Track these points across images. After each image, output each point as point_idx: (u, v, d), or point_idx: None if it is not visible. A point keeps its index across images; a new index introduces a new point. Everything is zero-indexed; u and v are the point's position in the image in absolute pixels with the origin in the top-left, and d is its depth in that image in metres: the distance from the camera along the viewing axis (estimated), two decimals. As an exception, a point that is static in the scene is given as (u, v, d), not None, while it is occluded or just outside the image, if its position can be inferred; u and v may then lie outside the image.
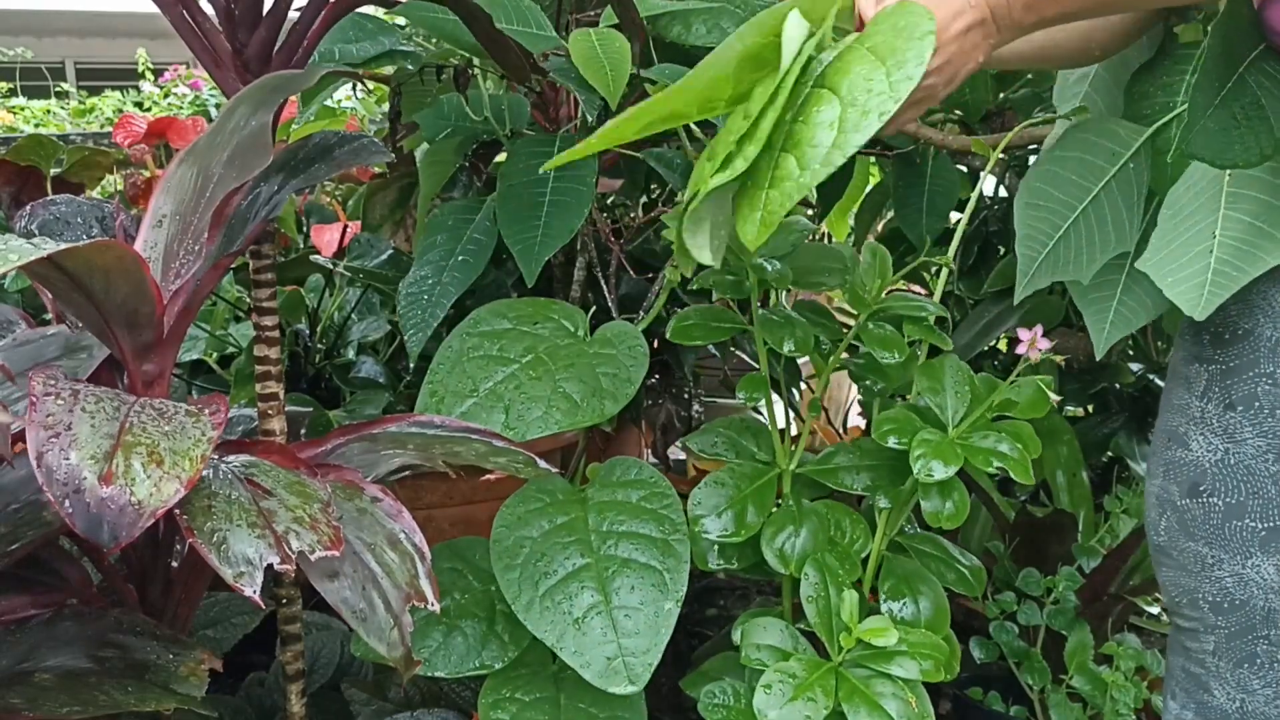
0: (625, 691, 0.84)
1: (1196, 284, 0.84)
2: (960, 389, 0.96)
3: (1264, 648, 0.91)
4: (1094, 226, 0.97)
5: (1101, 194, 0.96)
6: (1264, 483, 0.88)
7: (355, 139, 0.87)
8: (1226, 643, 0.92)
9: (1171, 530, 0.94)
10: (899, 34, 0.67)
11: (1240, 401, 0.88)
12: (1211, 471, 0.90)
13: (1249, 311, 0.88)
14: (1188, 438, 0.92)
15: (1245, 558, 0.89)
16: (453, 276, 1.13)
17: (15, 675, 0.69)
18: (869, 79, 0.67)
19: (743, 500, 0.96)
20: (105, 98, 4.54)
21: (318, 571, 0.70)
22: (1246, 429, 0.88)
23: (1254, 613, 0.90)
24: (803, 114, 0.69)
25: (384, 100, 2.01)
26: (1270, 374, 0.87)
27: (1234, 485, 0.89)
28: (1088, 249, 0.97)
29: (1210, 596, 0.92)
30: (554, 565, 0.90)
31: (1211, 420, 0.90)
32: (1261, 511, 0.88)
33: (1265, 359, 0.87)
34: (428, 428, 0.83)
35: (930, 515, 0.93)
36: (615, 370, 0.97)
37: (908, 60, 0.66)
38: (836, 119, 0.67)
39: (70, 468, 0.55)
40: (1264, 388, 0.87)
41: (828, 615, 0.89)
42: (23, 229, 0.90)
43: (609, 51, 1.01)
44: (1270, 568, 0.89)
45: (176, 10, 0.82)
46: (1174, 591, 0.95)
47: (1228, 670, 0.92)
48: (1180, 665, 0.97)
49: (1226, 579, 0.91)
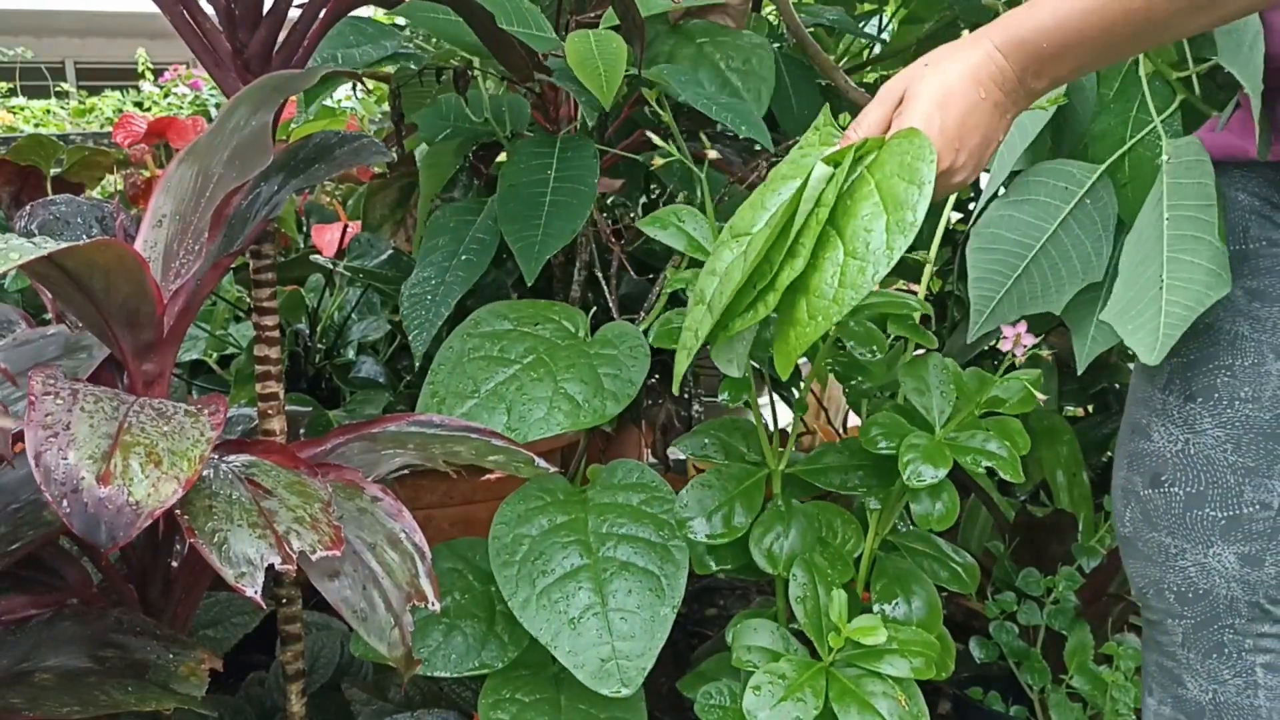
0: (617, 694, 0.84)
1: (1151, 329, 0.87)
2: (946, 387, 0.96)
3: (1230, 636, 0.92)
4: (1058, 262, 1.02)
5: (1060, 230, 1.01)
6: (1223, 472, 0.89)
7: (355, 139, 0.87)
8: (1194, 633, 0.93)
9: (1136, 521, 0.96)
10: (902, 173, 0.69)
11: (1200, 393, 0.90)
12: (1172, 462, 0.92)
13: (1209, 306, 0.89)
14: (1150, 429, 0.94)
15: (1207, 546, 0.91)
16: (456, 276, 1.13)
17: (15, 675, 0.69)
18: (869, 229, 0.70)
19: (730, 501, 0.96)
20: (105, 98, 4.55)
21: (318, 571, 0.70)
22: (1206, 419, 0.90)
23: (1218, 601, 0.91)
24: (815, 258, 0.72)
25: (384, 100, 2.01)
26: (1229, 366, 0.89)
27: (1194, 475, 0.91)
28: (1055, 283, 1.02)
29: (1175, 586, 0.93)
30: (552, 564, 0.90)
31: (1172, 411, 0.92)
32: (1221, 500, 0.90)
33: (1224, 351, 0.89)
34: (428, 427, 0.83)
35: (920, 518, 0.93)
36: (616, 370, 0.97)
37: (904, 212, 0.68)
38: (839, 271, 0.70)
39: (68, 467, 0.55)
40: (1223, 379, 0.89)
41: (817, 615, 0.89)
42: (23, 229, 0.90)
43: (605, 53, 1.01)
44: (1231, 556, 0.90)
45: (177, 10, 0.82)
46: (1141, 582, 0.97)
47: (1197, 661, 0.93)
48: (1154, 660, 0.98)
49: (1190, 568, 0.92)
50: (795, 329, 0.73)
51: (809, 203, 0.72)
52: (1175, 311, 0.86)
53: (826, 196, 0.72)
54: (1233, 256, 0.89)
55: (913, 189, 0.68)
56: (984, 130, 0.74)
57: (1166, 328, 0.86)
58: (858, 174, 0.72)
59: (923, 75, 0.74)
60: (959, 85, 0.72)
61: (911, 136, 0.70)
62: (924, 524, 0.93)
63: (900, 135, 0.71)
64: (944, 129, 0.72)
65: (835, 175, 0.72)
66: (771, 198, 0.79)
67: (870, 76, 1.74)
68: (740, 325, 0.77)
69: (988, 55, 0.73)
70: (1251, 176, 0.90)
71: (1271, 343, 0.88)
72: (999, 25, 0.73)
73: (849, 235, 0.71)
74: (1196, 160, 0.90)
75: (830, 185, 0.72)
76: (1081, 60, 0.73)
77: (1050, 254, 1.01)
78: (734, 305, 0.77)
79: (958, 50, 0.74)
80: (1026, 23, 0.72)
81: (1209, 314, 0.89)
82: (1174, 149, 0.92)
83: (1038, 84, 0.74)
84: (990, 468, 0.90)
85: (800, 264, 0.72)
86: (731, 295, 0.76)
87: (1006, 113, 0.75)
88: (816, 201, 0.72)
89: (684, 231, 0.98)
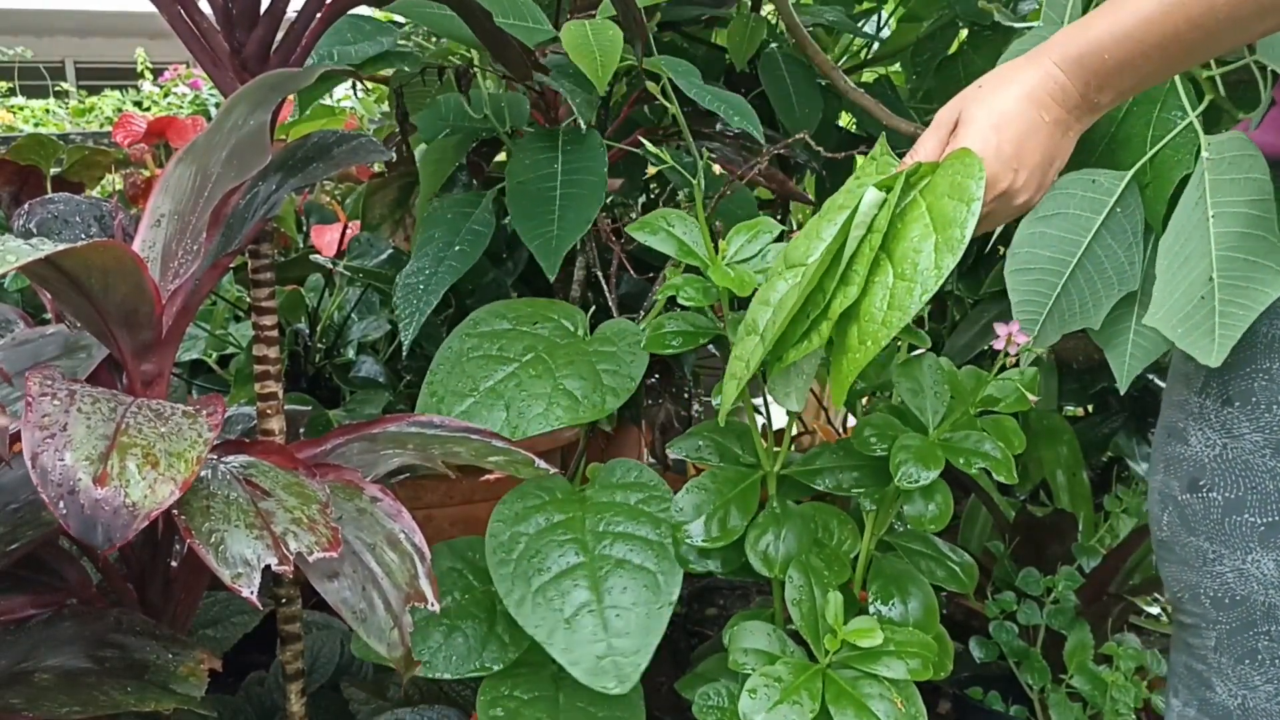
0: (613, 691, 0.84)
1: (1206, 330, 0.85)
2: (940, 388, 0.96)
3: (1265, 644, 0.91)
4: (1094, 275, 0.99)
5: (1094, 243, 0.98)
6: (1262, 478, 0.88)
7: (353, 138, 0.87)
8: (1228, 638, 0.92)
9: (1173, 525, 0.94)
10: (952, 192, 0.69)
11: (1237, 397, 0.89)
12: (1210, 466, 0.90)
13: None
14: (1186, 433, 0.92)
15: (1245, 553, 0.89)
16: (449, 266, 1.12)
17: (15, 675, 0.69)
18: (918, 250, 0.69)
19: (725, 504, 0.96)
20: (105, 97, 4.54)
21: (317, 572, 0.70)
22: (1244, 424, 0.88)
23: (1254, 608, 0.90)
24: (866, 283, 0.72)
25: (383, 100, 2.01)
26: (1266, 369, 0.87)
27: (1233, 480, 0.89)
28: (1092, 297, 0.99)
29: (1211, 592, 0.92)
30: (548, 562, 0.90)
31: (1209, 415, 0.90)
32: (1260, 506, 0.88)
33: (1261, 355, 0.87)
34: (427, 427, 0.83)
35: (913, 519, 0.92)
36: (616, 366, 0.97)
37: (953, 230, 0.68)
38: (888, 294, 0.70)
39: (65, 469, 0.55)
40: (1260, 383, 0.87)
41: (813, 617, 0.89)
42: (21, 228, 0.90)
43: (600, 40, 1.01)
44: (1270, 563, 0.89)
45: (173, 9, 0.82)
46: (1176, 587, 0.96)
47: (1229, 666, 0.92)
48: (1183, 662, 0.97)
49: (1227, 574, 0.91)
50: (847, 356, 0.73)
51: (860, 228, 0.71)
52: (1232, 311, 0.84)
53: (879, 222, 0.71)
54: None
55: (961, 206, 0.68)
56: (1045, 150, 0.73)
57: (1223, 328, 0.84)
58: (910, 199, 0.72)
59: (978, 98, 0.73)
60: (1015, 106, 0.72)
61: (963, 157, 0.70)
62: (917, 525, 0.92)
63: (953, 156, 0.71)
64: (1000, 150, 0.71)
65: (887, 200, 0.72)
66: (827, 228, 0.78)
67: (869, 75, 1.74)
68: (794, 355, 0.77)
69: (1047, 74, 0.72)
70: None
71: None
72: (1056, 43, 0.73)
73: (898, 258, 0.70)
74: (1244, 155, 0.88)
75: (883, 210, 0.72)
76: (1146, 71, 0.72)
77: (1086, 268, 0.99)
78: (788, 335, 0.76)
79: (1015, 71, 0.73)
80: (1085, 37, 0.71)
81: None
82: (1215, 146, 0.89)
83: (1102, 98, 0.74)
84: (979, 469, 0.90)
85: (854, 292, 0.71)
86: (784, 324, 0.75)
87: (1069, 130, 0.75)
88: (869, 228, 0.71)
89: (674, 236, 0.98)
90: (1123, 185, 0.98)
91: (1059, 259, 0.99)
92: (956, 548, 1.05)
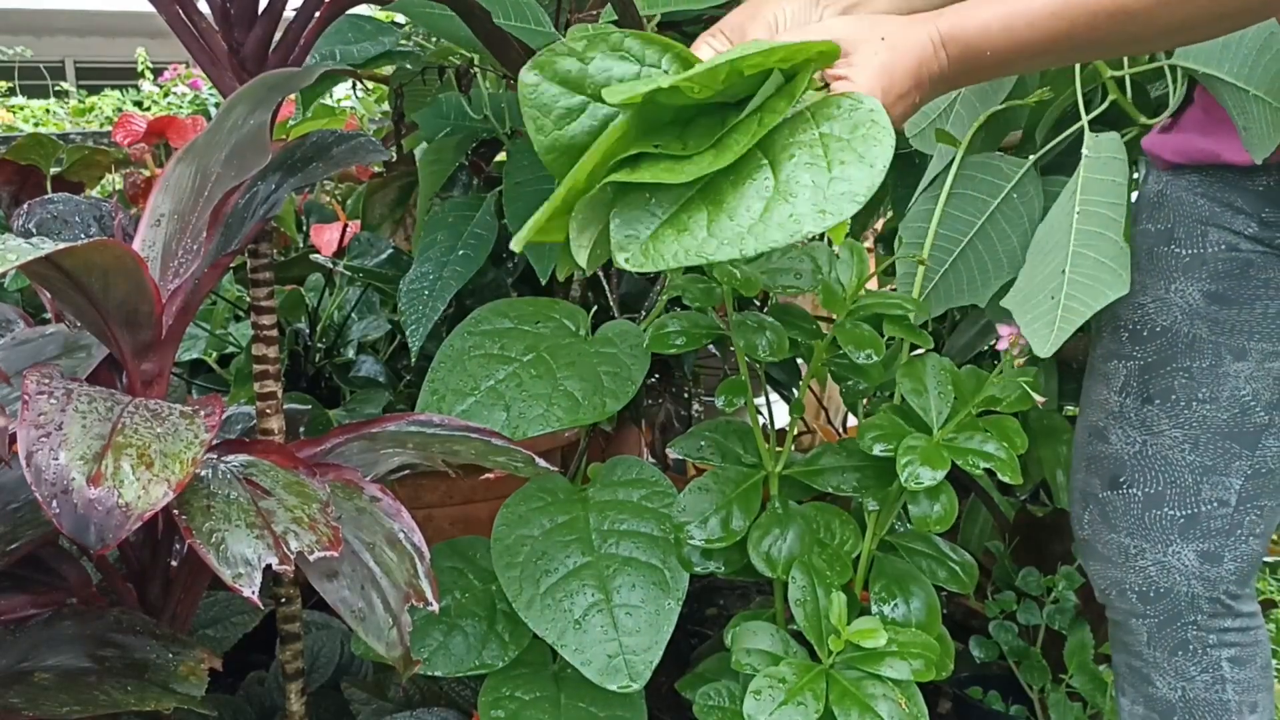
0: (626, 689, 0.84)
1: (1047, 321, 0.87)
2: (944, 388, 0.96)
3: (1194, 633, 0.93)
4: (984, 255, 1.03)
5: (987, 225, 1.02)
6: (1181, 472, 0.90)
7: (353, 138, 0.87)
8: (1158, 631, 0.94)
9: (1095, 523, 0.97)
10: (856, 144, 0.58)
11: (1158, 395, 0.91)
12: (1130, 463, 0.92)
13: (1165, 309, 0.90)
14: (1107, 432, 0.95)
15: (1166, 545, 0.92)
16: (454, 271, 1.13)
17: (15, 675, 0.68)
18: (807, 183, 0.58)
19: (728, 504, 0.95)
20: (105, 97, 4.54)
21: (316, 571, 0.69)
22: (1164, 421, 0.91)
23: (1179, 599, 0.92)
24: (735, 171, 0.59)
25: (383, 100, 2.01)
26: (1187, 368, 0.89)
27: (1152, 475, 0.91)
28: (980, 276, 1.03)
29: (1136, 586, 0.94)
30: (554, 563, 0.90)
31: (1129, 414, 0.93)
32: (1179, 500, 0.91)
33: (1182, 354, 0.90)
34: (427, 426, 0.83)
35: (918, 520, 0.92)
36: (616, 369, 0.97)
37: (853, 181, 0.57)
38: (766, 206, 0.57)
39: (59, 468, 0.55)
40: (1180, 381, 0.90)
41: (816, 618, 0.89)
42: (20, 228, 0.90)
43: None
44: (1191, 554, 0.91)
45: (172, 9, 0.82)
46: (1103, 584, 0.98)
47: (1164, 659, 0.94)
48: (1124, 660, 0.99)
49: (1150, 568, 0.93)
50: (681, 236, 0.58)
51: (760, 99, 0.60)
52: (1074, 307, 0.86)
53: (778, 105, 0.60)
54: (1190, 260, 0.89)
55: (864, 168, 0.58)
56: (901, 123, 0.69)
57: (1063, 321, 0.86)
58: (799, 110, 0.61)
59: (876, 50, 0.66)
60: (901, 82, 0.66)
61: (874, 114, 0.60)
62: (922, 526, 0.92)
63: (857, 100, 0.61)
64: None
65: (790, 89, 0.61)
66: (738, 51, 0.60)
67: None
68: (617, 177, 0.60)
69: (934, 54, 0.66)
70: (1212, 180, 0.89)
71: (1230, 344, 0.88)
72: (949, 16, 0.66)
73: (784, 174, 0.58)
74: (1114, 158, 0.91)
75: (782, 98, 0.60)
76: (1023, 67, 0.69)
77: (977, 248, 1.03)
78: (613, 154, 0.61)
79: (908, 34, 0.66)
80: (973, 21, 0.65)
81: (1166, 317, 0.90)
82: (1094, 144, 0.92)
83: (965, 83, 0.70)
84: (983, 469, 0.90)
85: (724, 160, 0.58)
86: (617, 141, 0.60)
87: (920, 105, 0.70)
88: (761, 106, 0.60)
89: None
90: (1021, 172, 1.01)
91: (952, 237, 1.03)
92: (957, 547, 1.05)
